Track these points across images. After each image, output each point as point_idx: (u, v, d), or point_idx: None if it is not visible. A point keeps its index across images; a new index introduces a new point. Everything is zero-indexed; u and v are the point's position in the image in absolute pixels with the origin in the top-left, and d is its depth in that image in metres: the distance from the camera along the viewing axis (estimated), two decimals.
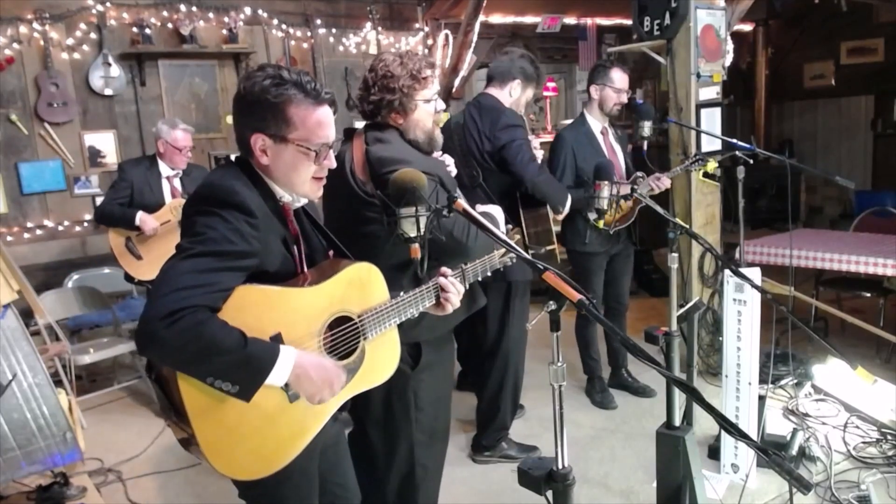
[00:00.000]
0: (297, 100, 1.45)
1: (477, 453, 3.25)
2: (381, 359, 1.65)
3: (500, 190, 3.00)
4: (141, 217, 3.78)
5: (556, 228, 3.02)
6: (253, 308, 1.40)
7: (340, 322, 1.56)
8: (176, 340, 1.26)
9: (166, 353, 1.29)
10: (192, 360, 1.30)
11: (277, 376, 1.37)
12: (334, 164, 1.57)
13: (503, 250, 1.84)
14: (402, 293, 1.66)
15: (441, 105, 2.20)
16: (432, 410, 2.21)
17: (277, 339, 1.43)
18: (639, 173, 3.50)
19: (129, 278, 3.97)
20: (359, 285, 1.60)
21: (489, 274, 1.84)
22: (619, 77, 3.50)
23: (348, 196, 2.08)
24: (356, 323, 1.58)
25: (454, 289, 1.70)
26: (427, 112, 2.13)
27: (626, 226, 3.59)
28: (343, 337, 1.58)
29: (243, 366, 1.32)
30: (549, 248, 2.93)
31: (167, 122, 3.94)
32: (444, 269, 1.72)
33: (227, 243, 1.36)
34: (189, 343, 1.26)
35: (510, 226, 2.08)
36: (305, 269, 1.61)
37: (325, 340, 1.54)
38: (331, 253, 1.76)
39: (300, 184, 1.53)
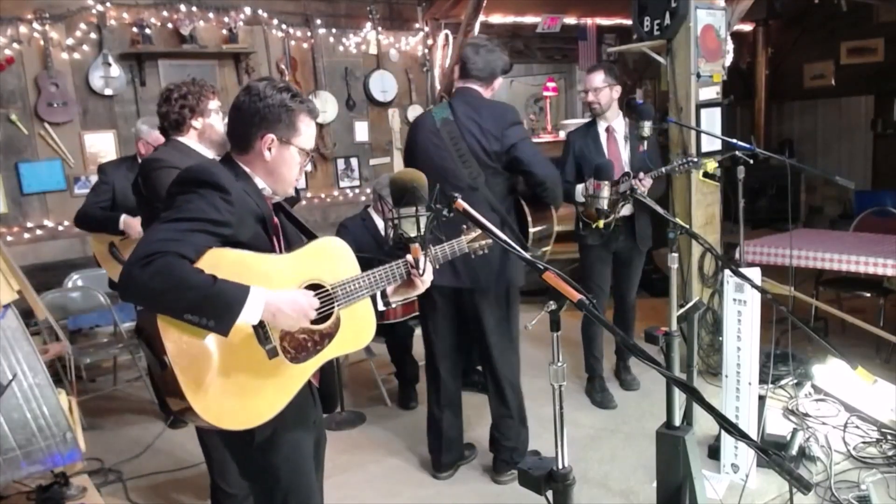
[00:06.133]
0: (304, 112, 1.75)
1: (500, 473, 3.07)
2: (356, 327, 1.77)
3: (501, 190, 2.94)
4: (125, 220, 3.52)
5: (557, 228, 3.00)
6: (228, 268, 1.52)
7: (313, 289, 1.67)
8: (149, 277, 1.42)
9: (141, 290, 1.44)
10: (164, 295, 1.43)
11: (251, 312, 1.49)
12: (310, 169, 1.74)
13: (472, 234, 2.01)
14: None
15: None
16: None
17: None
18: (627, 171, 3.46)
19: (113, 285, 3.83)
20: (329, 256, 1.75)
21: (458, 255, 1.99)
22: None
23: None
24: (328, 290, 1.70)
25: (423, 267, 1.83)
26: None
27: (614, 221, 3.41)
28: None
29: (215, 299, 1.44)
30: (544, 249, 2.92)
31: (146, 121, 3.60)
32: (415, 248, 1.82)
33: (202, 212, 1.53)
34: (161, 279, 1.42)
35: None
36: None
37: None
38: None
39: (289, 181, 1.76)
